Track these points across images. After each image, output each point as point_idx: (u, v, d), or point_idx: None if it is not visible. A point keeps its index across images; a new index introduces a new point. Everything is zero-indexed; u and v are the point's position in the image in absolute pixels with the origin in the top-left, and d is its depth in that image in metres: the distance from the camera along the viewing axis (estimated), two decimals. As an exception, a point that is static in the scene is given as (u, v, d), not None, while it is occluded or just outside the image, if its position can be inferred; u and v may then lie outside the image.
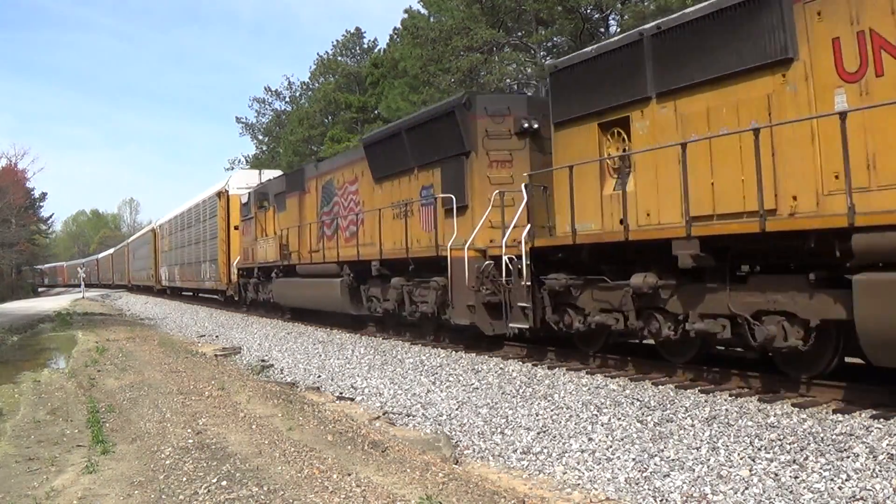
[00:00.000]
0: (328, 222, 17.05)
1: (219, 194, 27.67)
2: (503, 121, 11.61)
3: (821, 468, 5.20)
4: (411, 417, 8.41)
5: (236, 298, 25.60)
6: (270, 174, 25.67)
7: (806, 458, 5.41)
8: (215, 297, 30.63)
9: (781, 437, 5.90)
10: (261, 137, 62.86)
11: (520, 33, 31.98)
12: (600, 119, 9.30)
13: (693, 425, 6.55)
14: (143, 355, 14.28)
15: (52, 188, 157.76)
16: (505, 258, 10.43)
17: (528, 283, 10.00)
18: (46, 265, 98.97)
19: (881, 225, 5.88)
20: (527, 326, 10.18)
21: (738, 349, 8.41)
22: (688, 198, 7.73)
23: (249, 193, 23.52)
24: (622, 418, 7.05)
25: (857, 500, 4.71)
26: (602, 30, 28.69)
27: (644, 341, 9.57)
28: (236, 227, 25.59)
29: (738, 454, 5.70)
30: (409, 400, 9.17)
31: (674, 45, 8.18)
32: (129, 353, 14.64)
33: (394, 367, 11.33)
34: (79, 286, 56.64)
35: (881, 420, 6.04)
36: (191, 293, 37.51)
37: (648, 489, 5.38)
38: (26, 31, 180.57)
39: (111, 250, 74.41)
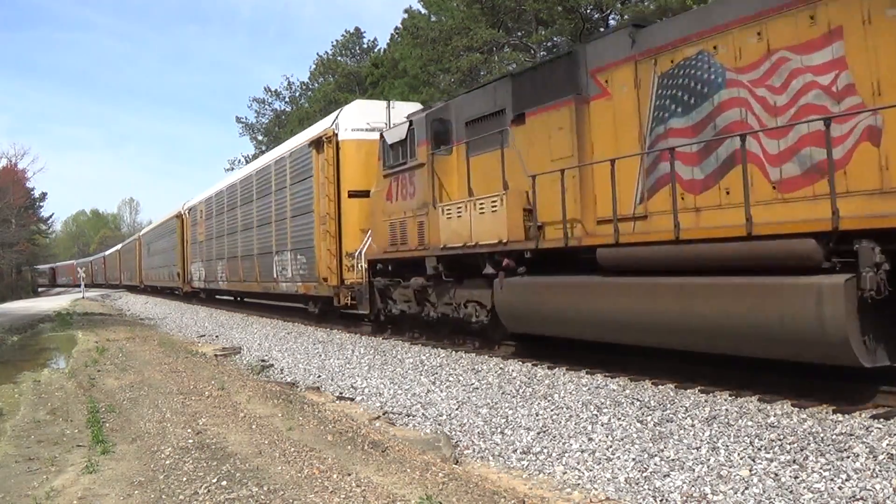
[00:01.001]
0: (696, 152, 7.92)
1: (317, 143, 16.68)
2: None
3: (821, 468, 5.21)
4: (411, 417, 8.41)
5: (364, 311, 15.33)
6: (407, 108, 16.04)
7: (806, 458, 5.41)
8: (296, 305, 20.18)
9: (781, 437, 5.91)
10: (260, 138, 62.88)
11: (520, 33, 32.04)
12: None
13: (693, 425, 6.55)
14: (143, 355, 14.28)
15: (52, 188, 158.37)
16: None
17: None
18: (57, 263, 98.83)
19: None
20: None
21: None
22: None
23: (410, 124, 13.06)
24: (622, 418, 7.05)
25: (857, 500, 4.72)
26: (602, 29, 28.66)
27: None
28: (353, 194, 15.96)
29: (738, 454, 5.70)
30: (409, 400, 9.17)
31: None
32: (129, 353, 14.64)
33: (394, 367, 11.33)
34: (85, 285, 56.43)
35: (881, 420, 6.05)
36: (235, 299, 27.81)
37: (648, 489, 5.38)
38: (26, 31, 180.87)
39: (119, 246, 67.39)
